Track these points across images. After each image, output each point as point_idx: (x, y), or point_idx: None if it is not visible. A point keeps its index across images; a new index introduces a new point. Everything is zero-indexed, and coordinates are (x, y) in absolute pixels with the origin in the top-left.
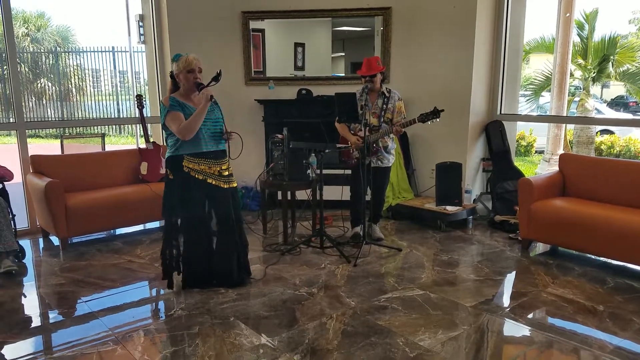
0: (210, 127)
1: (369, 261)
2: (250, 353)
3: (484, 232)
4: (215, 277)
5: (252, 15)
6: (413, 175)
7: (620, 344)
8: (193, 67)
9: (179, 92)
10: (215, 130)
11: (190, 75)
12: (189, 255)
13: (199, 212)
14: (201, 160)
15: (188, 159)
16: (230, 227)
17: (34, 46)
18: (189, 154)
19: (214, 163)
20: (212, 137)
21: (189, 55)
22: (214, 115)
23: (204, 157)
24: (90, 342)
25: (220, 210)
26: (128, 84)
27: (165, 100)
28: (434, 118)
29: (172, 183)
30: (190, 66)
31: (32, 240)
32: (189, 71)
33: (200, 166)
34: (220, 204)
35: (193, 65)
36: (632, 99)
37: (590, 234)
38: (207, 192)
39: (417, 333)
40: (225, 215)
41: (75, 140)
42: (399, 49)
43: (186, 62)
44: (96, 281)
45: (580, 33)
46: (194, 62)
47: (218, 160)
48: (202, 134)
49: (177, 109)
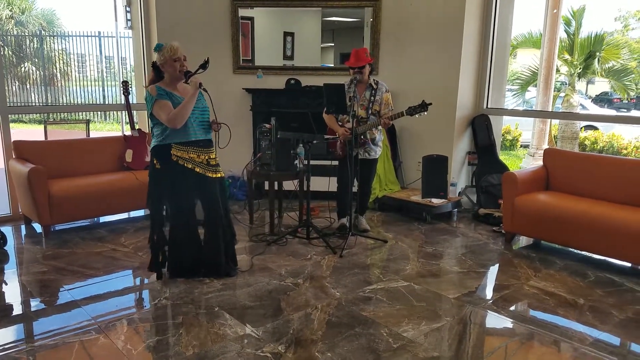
0: (198, 116)
1: (355, 252)
2: (234, 343)
3: (468, 224)
4: (203, 267)
5: (242, 3)
6: (400, 168)
7: (600, 337)
8: (179, 56)
9: (164, 81)
10: (203, 118)
11: (176, 63)
12: (175, 245)
13: (187, 201)
14: (190, 149)
15: (176, 147)
16: (218, 217)
17: (18, 29)
18: (177, 143)
19: (202, 152)
20: (200, 125)
21: (173, 43)
22: (202, 103)
23: (192, 145)
24: (72, 331)
25: (207, 200)
26: (114, 70)
27: (152, 89)
28: (422, 111)
29: (158, 173)
30: (176, 54)
31: (14, 227)
32: (175, 60)
33: (190, 154)
34: (207, 194)
35: (179, 54)
36: (616, 96)
37: (572, 228)
38: (195, 182)
39: (401, 324)
40: (213, 205)
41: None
42: (388, 41)
43: (172, 51)
44: (79, 269)
45: (567, 29)
46: (179, 50)
47: (206, 148)
48: (191, 122)
49: (164, 97)
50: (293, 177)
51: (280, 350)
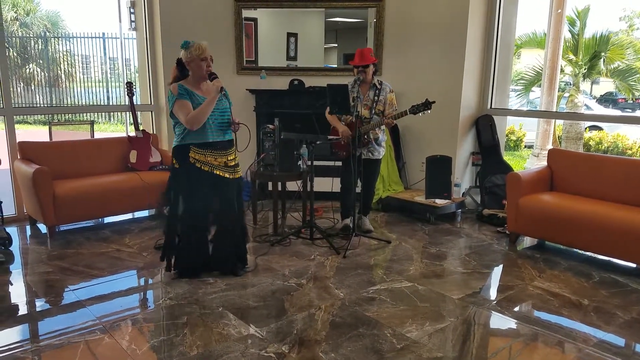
0: (217, 117)
1: (358, 253)
2: (238, 343)
3: (472, 225)
4: (212, 264)
5: (245, 4)
6: (403, 168)
7: (604, 338)
8: (206, 56)
9: (188, 80)
10: (223, 120)
11: (203, 63)
12: (184, 246)
13: (201, 204)
14: (207, 152)
15: (195, 150)
16: (230, 217)
17: (22, 31)
18: (195, 144)
19: (220, 154)
20: (219, 127)
21: (202, 43)
22: (222, 105)
23: (210, 147)
24: (77, 331)
25: (222, 200)
26: (118, 71)
27: (173, 88)
28: (425, 110)
29: (177, 172)
30: (203, 54)
31: (20, 227)
32: (202, 59)
33: (207, 157)
34: (222, 195)
35: (206, 54)
36: (621, 96)
37: (577, 228)
38: (211, 183)
39: (405, 324)
40: (227, 206)
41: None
42: (391, 41)
43: (200, 50)
44: (84, 270)
45: (571, 29)
46: (207, 50)
47: (225, 150)
48: (209, 123)
49: (185, 97)
50: (296, 178)
51: (284, 350)
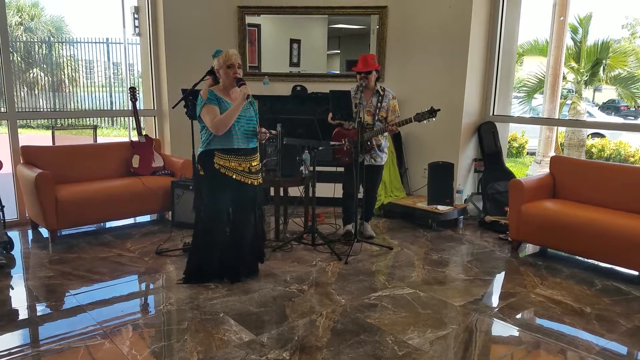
0: (243, 125)
1: (360, 259)
2: (239, 349)
3: (474, 232)
4: (220, 271)
5: (248, 10)
6: (405, 174)
7: (607, 346)
8: (233, 62)
9: (218, 86)
10: (248, 128)
11: (229, 70)
12: (197, 250)
13: (223, 210)
14: (231, 157)
15: (219, 156)
16: (247, 223)
17: (27, 35)
18: (220, 150)
19: (244, 160)
20: (244, 134)
21: (229, 50)
22: (249, 113)
23: (234, 153)
24: (78, 335)
25: (240, 205)
26: (121, 76)
27: (203, 93)
28: (430, 117)
29: (203, 179)
30: (229, 61)
31: (21, 231)
32: (229, 66)
33: (231, 163)
34: (242, 200)
35: (233, 60)
36: (623, 103)
37: (579, 236)
38: (233, 188)
39: (406, 331)
40: (245, 211)
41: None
42: (394, 48)
43: (226, 57)
44: (85, 274)
45: (573, 37)
46: (234, 57)
47: (248, 156)
48: (235, 130)
49: (213, 102)
50: (298, 183)
51: (285, 356)
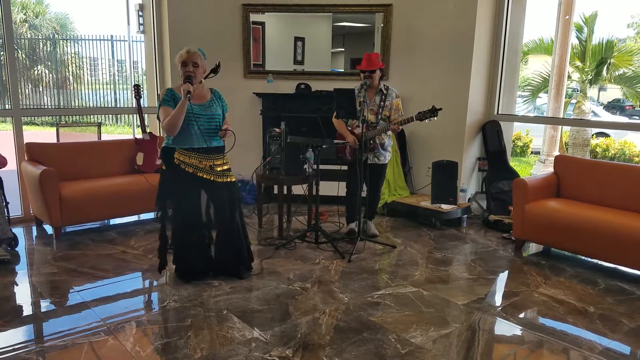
0: (204, 124)
1: (363, 257)
2: (242, 346)
3: (478, 231)
4: (213, 270)
5: (253, 8)
6: (409, 173)
7: (610, 345)
8: (184, 60)
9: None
10: (210, 126)
11: (183, 69)
12: (179, 248)
13: (190, 206)
14: (192, 154)
15: (179, 151)
16: (225, 221)
17: (31, 33)
18: (180, 147)
19: (205, 158)
20: (206, 133)
21: (187, 48)
22: (210, 110)
23: (194, 151)
24: (81, 332)
25: (215, 204)
26: (126, 74)
27: (162, 92)
28: (432, 116)
29: (164, 174)
30: (181, 58)
31: (26, 228)
32: (182, 64)
33: (191, 159)
34: (215, 198)
35: (184, 58)
36: (628, 103)
37: (583, 235)
38: (198, 185)
39: (409, 330)
40: (221, 209)
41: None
42: (398, 46)
43: (179, 55)
44: (89, 271)
45: (579, 36)
46: (185, 55)
47: (210, 155)
48: (195, 129)
49: (169, 103)
50: (302, 182)
51: (288, 354)
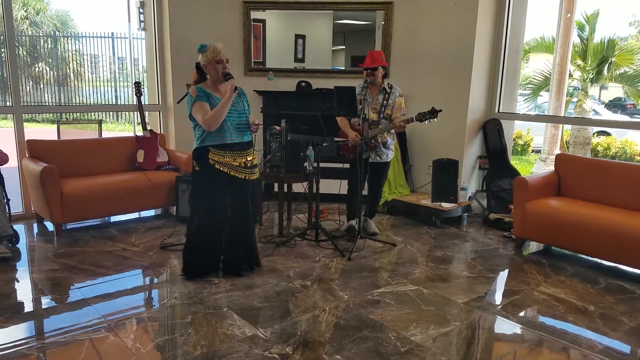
0: (235, 119)
1: (363, 255)
2: (242, 344)
3: (478, 229)
4: (219, 267)
5: (254, 6)
6: (410, 171)
7: (610, 344)
8: (221, 57)
9: (206, 82)
10: (241, 121)
11: (218, 65)
12: (196, 247)
13: (219, 206)
14: (226, 153)
15: (213, 152)
16: (244, 218)
17: (32, 30)
18: (214, 146)
19: (238, 155)
20: (236, 128)
21: (217, 45)
22: (240, 106)
23: (228, 149)
24: (82, 328)
25: (237, 201)
26: (126, 71)
27: (192, 90)
28: (432, 118)
29: (197, 175)
30: (218, 56)
31: (27, 225)
32: (217, 62)
33: (226, 159)
34: (238, 195)
35: (221, 56)
36: (629, 101)
37: (583, 234)
38: (229, 184)
39: (409, 328)
40: (242, 207)
41: (72, 125)
42: (399, 44)
43: (214, 52)
44: (90, 268)
45: (580, 34)
46: (222, 52)
47: (243, 151)
48: (227, 125)
49: (203, 99)
50: (302, 179)
51: (288, 351)
